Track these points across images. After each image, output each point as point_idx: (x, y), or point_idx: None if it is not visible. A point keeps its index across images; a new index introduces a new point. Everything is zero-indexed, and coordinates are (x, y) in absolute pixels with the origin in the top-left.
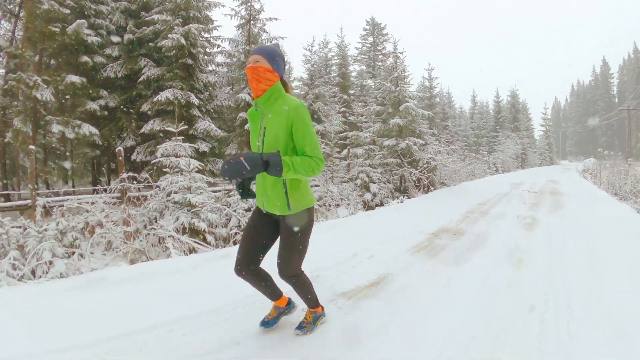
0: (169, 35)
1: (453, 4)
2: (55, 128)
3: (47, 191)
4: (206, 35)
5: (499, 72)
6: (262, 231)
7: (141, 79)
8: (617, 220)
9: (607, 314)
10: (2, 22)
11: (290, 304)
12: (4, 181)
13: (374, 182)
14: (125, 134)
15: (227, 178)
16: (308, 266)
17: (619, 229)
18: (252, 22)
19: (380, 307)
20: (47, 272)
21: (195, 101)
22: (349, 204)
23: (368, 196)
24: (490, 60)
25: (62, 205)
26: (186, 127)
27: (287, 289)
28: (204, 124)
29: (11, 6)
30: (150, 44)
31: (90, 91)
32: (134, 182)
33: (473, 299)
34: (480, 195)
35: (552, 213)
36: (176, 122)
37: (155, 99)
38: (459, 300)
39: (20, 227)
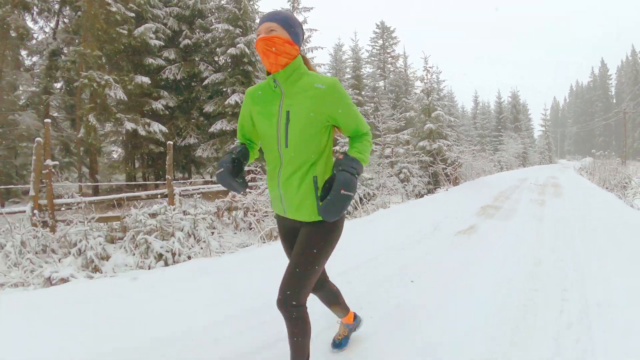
0: (238, 45)
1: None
2: (128, 125)
3: (181, 181)
4: None
5: (513, 75)
6: None
7: (205, 82)
8: (600, 202)
9: (590, 236)
10: (41, 20)
11: (357, 319)
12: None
13: (413, 177)
14: (185, 132)
15: (339, 215)
16: (427, 221)
17: (601, 206)
18: None
19: (480, 238)
20: (202, 249)
21: None
22: (396, 193)
23: (410, 187)
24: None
25: (187, 194)
26: None
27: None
28: None
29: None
30: (206, 49)
31: (152, 91)
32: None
33: (520, 233)
34: (497, 187)
35: (555, 198)
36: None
37: (226, 102)
38: (514, 234)
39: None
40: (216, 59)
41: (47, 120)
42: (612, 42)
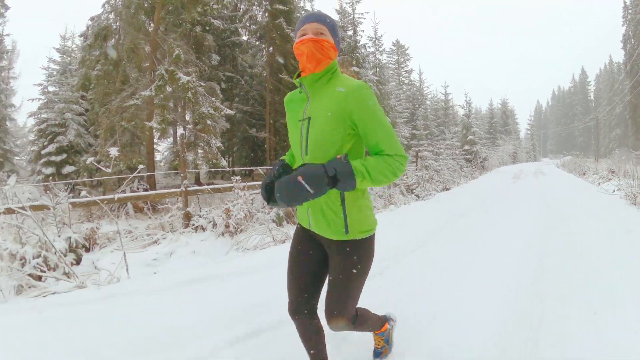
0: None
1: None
2: None
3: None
4: None
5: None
6: (312, 257)
7: None
8: (564, 176)
9: (557, 181)
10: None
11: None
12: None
13: (464, 167)
14: None
15: (285, 206)
16: (493, 182)
17: (565, 179)
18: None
19: (519, 185)
20: None
21: None
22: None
23: (464, 173)
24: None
25: None
26: None
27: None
28: None
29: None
30: None
31: None
32: None
33: (531, 184)
34: (510, 173)
35: (542, 176)
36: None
37: None
38: (530, 183)
39: None
40: None
41: None
42: (593, 51)
